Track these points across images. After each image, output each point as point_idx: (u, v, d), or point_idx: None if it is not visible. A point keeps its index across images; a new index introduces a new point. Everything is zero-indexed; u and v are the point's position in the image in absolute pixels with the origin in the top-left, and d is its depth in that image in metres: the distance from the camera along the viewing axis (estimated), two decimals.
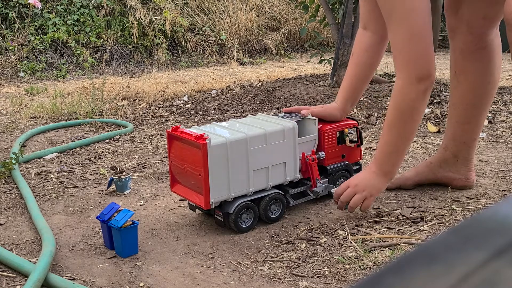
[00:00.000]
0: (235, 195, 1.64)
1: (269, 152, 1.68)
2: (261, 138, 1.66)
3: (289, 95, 3.43)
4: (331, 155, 1.86)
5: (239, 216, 1.65)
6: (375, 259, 1.43)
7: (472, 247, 0.28)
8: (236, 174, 1.62)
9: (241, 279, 1.38)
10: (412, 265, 0.28)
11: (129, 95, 4.22)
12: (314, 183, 1.79)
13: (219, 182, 1.59)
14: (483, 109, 1.84)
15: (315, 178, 1.80)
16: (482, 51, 1.76)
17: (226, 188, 1.61)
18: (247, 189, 1.66)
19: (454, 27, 1.79)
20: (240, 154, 1.62)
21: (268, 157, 1.68)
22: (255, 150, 1.65)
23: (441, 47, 7.23)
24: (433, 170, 1.93)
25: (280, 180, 1.74)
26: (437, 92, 3.40)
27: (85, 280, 1.41)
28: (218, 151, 1.57)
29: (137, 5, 6.80)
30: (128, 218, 1.53)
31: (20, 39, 6.25)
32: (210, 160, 1.55)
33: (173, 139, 1.69)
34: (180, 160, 1.67)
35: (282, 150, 1.71)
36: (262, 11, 7.63)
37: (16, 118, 3.64)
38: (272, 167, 1.70)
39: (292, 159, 1.74)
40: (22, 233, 1.74)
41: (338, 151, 1.88)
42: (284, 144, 1.71)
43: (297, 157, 1.75)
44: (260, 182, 1.69)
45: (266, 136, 1.67)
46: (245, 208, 1.66)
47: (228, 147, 1.59)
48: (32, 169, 2.41)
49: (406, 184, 1.94)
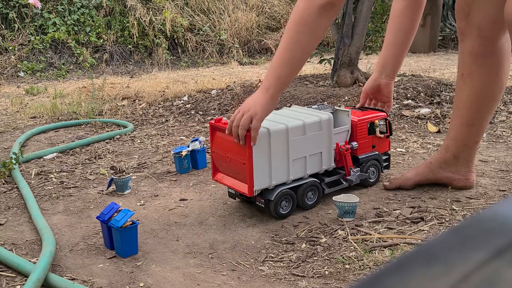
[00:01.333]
0: (276, 183, 1.73)
1: (307, 142, 1.78)
2: (300, 129, 1.75)
3: (289, 95, 3.43)
4: (362, 145, 1.95)
5: (279, 203, 1.73)
6: (375, 259, 1.43)
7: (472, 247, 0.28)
8: (277, 163, 1.71)
9: (241, 279, 1.38)
10: (412, 265, 0.28)
11: (129, 95, 4.22)
12: (348, 171, 1.89)
13: (262, 170, 1.68)
14: (488, 113, 1.84)
15: (348, 167, 1.89)
16: (491, 56, 1.75)
17: (268, 176, 1.70)
18: (287, 177, 1.75)
19: (464, 30, 1.77)
20: (281, 144, 1.71)
21: (306, 147, 1.77)
22: (295, 140, 1.74)
23: (441, 47, 7.23)
24: (433, 170, 1.93)
25: (317, 169, 1.83)
26: (437, 92, 3.40)
27: (85, 280, 1.41)
28: (261, 141, 1.65)
29: (137, 5, 6.79)
30: (128, 218, 1.53)
31: (20, 39, 6.25)
32: (254, 149, 1.64)
33: (216, 130, 1.78)
34: (224, 150, 1.75)
35: (319, 140, 1.81)
36: (262, 11, 7.63)
37: (16, 118, 3.64)
38: (310, 157, 1.79)
39: (327, 149, 1.84)
40: (22, 233, 1.74)
41: (369, 141, 1.98)
42: (320, 135, 1.81)
43: (332, 147, 1.85)
44: (299, 170, 1.78)
45: (305, 127, 1.76)
46: (285, 195, 1.74)
47: (270, 138, 1.68)
48: (32, 169, 2.41)
49: (406, 184, 1.94)
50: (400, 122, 2.95)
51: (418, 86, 3.48)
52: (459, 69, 1.84)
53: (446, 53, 6.86)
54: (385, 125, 2.01)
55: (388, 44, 1.91)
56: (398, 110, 3.10)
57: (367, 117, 1.95)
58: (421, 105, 3.20)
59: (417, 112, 3.06)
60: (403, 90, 3.41)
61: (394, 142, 2.60)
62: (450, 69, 5.20)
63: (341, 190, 1.89)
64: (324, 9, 1.59)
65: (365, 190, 1.97)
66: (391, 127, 2.03)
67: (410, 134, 2.73)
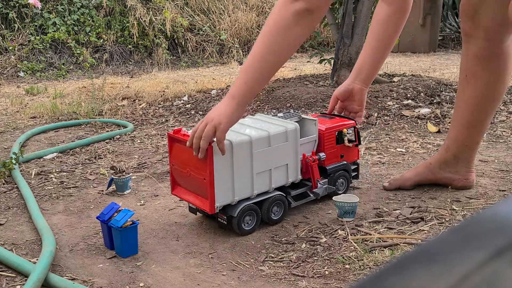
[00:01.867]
0: (239, 198, 1.62)
1: (272, 154, 1.67)
2: (265, 141, 1.64)
3: (289, 95, 3.43)
4: (330, 155, 1.86)
5: (242, 219, 1.63)
6: (375, 259, 1.43)
7: (472, 247, 0.28)
8: (240, 177, 1.60)
9: (241, 279, 1.38)
10: (412, 265, 0.28)
11: (129, 95, 4.22)
12: (315, 184, 1.80)
13: (224, 186, 1.57)
14: (490, 114, 1.83)
15: (315, 180, 1.79)
16: (496, 58, 1.74)
17: (230, 191, 1.59)
18: (251, 192, 1.65)
19: (469, 32, 1.76)
20: (244, 157, 1.60)
21: (271, 159, 1.67)
22: (259, 152, 1.63)
23: (441, 47, 7.22)
24: (433, 170, 1.93)
25: (282, 182, 1.73)
26: (437, 92, 3.40)
27: (85, 280, 1.41)
28: (228, 155, 1.55)
29: (137, 5, 6.80)
30: (128, 218, 1.53)
31: (20, 39, 6.25)
32: (215, 163, 1.53)
33: (174, 142, 1.65)
34: (183, 164, 1.63)
35: (285, 152, 1.70)
36: (262, 11, 7.63)
37: (16, 118, 3.64)
38: (275, 169, 1.69)
39: (294, 161, 1.73)
40: (22, 233, 1.74)
41: (337, 151, 1.88)
42: (286, 146, 1.70)
43: (299, 158, 1.75)
44: (263, 184, 1.68)
45: (270, 138, 1.65)
46: (248, 210, 1.64)
47: (233, 150, 1.56)
48: (32, 169, 2.41)
49: (406, 184, 1.94)
50: (400, 122, 2.95)
51: (418, 86, 3.48)
52: (463, 70, 1.82)
53: (446, 53, 6.86)
54: (353, 133, 1.93)
55: (367, 49, 1.84)
56: (398, 110, 3.10)
57: (335, 125, 1.86)
58: (421, 105, 3.20)
59: (417, 112, 3.06)
60: (403, 90, 3.41)
61: (394, 142, 2.60)
62: (450, 69, 5.21)
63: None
64: (300, 16, 1.49)
65: (365, 190, 1.97)
66: (359, 136, 1.96)
67: (410, 134, 2.73)
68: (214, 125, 1.47)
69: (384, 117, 3.01)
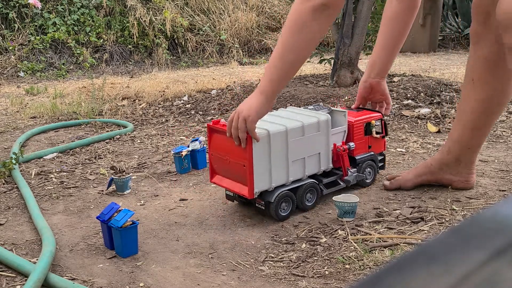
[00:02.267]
0: (276, 184, 1.72)
1: (306, 143, 1.78)
2: (299, 130, 1.75)
3: (289, 95, 3.43)
4: (359, 145, 1.96)
5: (279, 205, 1.73)
6: (375, 259, 1.43)
7: (472, 247, 0.28)
8: (277, 165, 1.71)
9: (241, 279, 1.38)
10: (412, 265, 0.28)
11: (129, 95, 4.22)
12: (346, 172, 1.90)
13: (262, 172, 1.68)
14: (495, 118, 1.82)
15: (346, 168, 1.90)
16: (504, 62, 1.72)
17: (268, 178, 1.70)
18: (286, 179, 1.75)
19: (480, 34, 1.73)
20: (280, 146, 1.71)
21: (305, 148, 1.78)
22: (294, 141, 1.74)
23: (441, 47, 7.22)
24: (433, 171, 1.92)
25: (315, 170, 1.83)
26: (437, 92, 3.40)
27: (85, 280, 1.41)
28: (261, 143, 1.65)
29: (137, 5, 6.80)
30: (128, 218, 1.53)
31: (20, 39, 6.25)
32: (254, 151, 1.63)
33: (214, 132, 1.77)
34: (222, 152, 1.74)
35: (317, 141, 1.81)
36: (262, 11, 7.63)
37: (16, 118, 3.64)
38: (308, 158, 1.80)
39: (325, 150, 1.84)
40: (22, 233, 1.74)
41: (365, 142, 1.99)
42: (319, 136, 1.81)
43: (330, 148, 1.85)
44: (298, 172, 1.78)
45: (304, 128, 1.76)
46: (285, 197, 1.74)
47: (270, 139, 1.68)
48: (32, 169, 2.41)
49: (406, 185, 1.94)
50: (400, 122, 2.95)
51: (418, 86, 3.48)
52: (469, 74, 1.80)
53: (446, 53, 6.86)
54: (380, 125, 2.02)
55: (378, 46, 1.90)
56: (398, 110, 3.10)
57: (364, 118, 1.96)
58: (421, 105, 3.20)
59: (417, 112, 3.06)
60: (403, 90, 3.41)
61: (394, 142, 2.60)
62: (450, 69, 5.21)
63: (339, 191, 1.89)
64: (318, 12, 1.55)
65: (365, 190, 1.97)
66: (386, 128, 2.04)
67: (410, 134, 2.73)
68: (244, 117, 1.58)
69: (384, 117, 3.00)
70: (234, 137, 1.62)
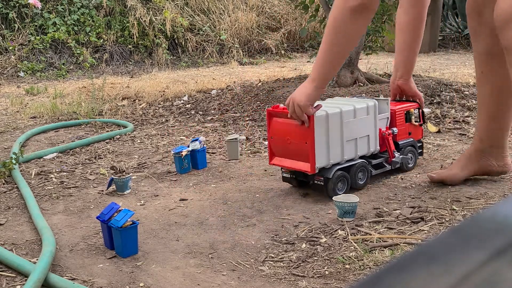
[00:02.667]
0: (333, 162, 1.89)
1: (357, 125, 1.95)
2: (351, 113, 1.93)
3: (289, 95, 3.42)
4: (401, 132, 2.14)
5: (336, 184, 1.89)
6: (375, 259, 1.43)
7: (472, 247, 0.28)
8: (334, 144, 1.88)
9: (241, 279, 1.38)
10: (412, 265, 0.28)
11: (129, 95, 4.23)
12: (392, 154, 2.06)
13: (322, 149, 1.85)
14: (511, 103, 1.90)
15: (392, 150, 2.05)
16: None
17: (326, 155, 1.87)
18: (341, 157, 1.92)
19: (477, 30, 1.82)
20: (336, 126, 1.89)
21: (357, 129, 1.95)
22: (348, 122, 1.92)
23: (441, 47, 7.22)
24: (474, 161, 1.97)
25: (365, 151, 2.00)
26: (437, 92, 3.40)
27: (85, 280, 1.41)
28: (321, 123, 1.83)
29: (137, 5, 6.80)
30: (128, 218, 1.53)
31: (20, 39, 6.25)
32: (316, 129, 1.81)
33: (273, 116, 1.94)
34: (283, 134, 1.90)
35: (367, 124, 1.99)
36: (262, 11, 7.63)
37: (16, 118, 3.64)
38: (359, 139, 1.97)
39: (374, 133, 2.02)
40: (22, 233, 1.74)
41: (406, 128, 2.17)
42: (368, 119, 1.99)
43: (377, 131, 2.02)
44: (351, 151, 1.95)
45: (355, 111, 1.94)
46: (341, 177, 1.91)
47: (328, 119, 1.85)
48: (32, 169, 2.41)
49: (454, 179, 1.96)
50: None
51: (418, 86, 3.47)
52: (477, 68, 1.90)
53: (446, 53, 6.86)
54: (418, 114, 2.19)
55: (397, 52, 2.09)
56: None
57: (404, 106, 2.15)
58: None
59: None
60: None
61: None
62: (450, 69, 5.21)
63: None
64: (357, 12, 1.69)
65: (365, 190, 1.97)
66: (424, 116, 2.23)
67: None
68: (297, 103, 1.78)
69: None
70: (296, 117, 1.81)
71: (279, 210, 1.83)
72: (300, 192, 1.97)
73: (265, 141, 2.72)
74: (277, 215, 1.79)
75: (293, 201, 1.90)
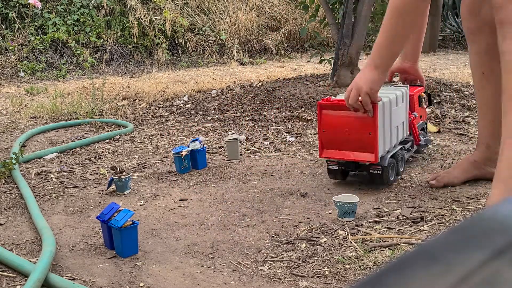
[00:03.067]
0: (387, 149, 1.94)
1: (399, 112, 2.02)
2: (395, 101, 1.98)
3: (289, 95, 3.43)
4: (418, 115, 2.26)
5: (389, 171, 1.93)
6: (375, 259, 1.43)
7: (472, 247, 0.28)
8: (387, 131, 1.92)
9: (241, 279, 1.38)
10: (412, 265, 0.28)
11: (129, 95, 4.22)
12: (418, 138, 2.18)
13: (381, 138, 1.88)
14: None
15: (418, 134, 2.17)
16: None
17: (383, 144, 1.90)
18: (391, 145, 1.97)
19: (475, 30, 1.80)
20: (388, 114, 1.92)
21: (398, 116, 2.01)
22: (395, 110, 1.97)
23: (441, 47, 7.22)
24: (479, 168, 1.96)
25: (401, 137, 2.08)
26: (437, 92, 3.40)
27: (85, 280, 1.41)
28: (382, 111, 1.86)
29: (137, 5, 6.80)
30: (128, 218, 1.53)
31: (20, 39, 6.25)
32: (379, 118, 1.83)
33: (326, 109, 1.91)
34: (338, 126, 1.89)
35: (402, 111, 2.07)
36: (262, 11, 7.63)
37: (16, 118, 3.64)
38: (400, 126, 2.04)
39: (406, 119, 2.11)
40: (22, 233, 1.74)
41: (419, 112, 2.28)
42: (403, 106, 2.07)
43: (407, 117, 2.12)
44: (395, 138, 2.01)
45: (397, 99, 2.00)
46: (391, 162, 1.94)
47: (385, 108, 1.89)
48: (32, 169, 2.41)
49: (454, 182, 1.95)
50: None
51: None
52: (478, 69, 1.86)
53: (446, 53, 6.86)
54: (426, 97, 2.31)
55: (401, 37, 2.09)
56: None
57: (416, 91, 2.23)
58: None
59: None
60: None
61: None
62: (450, 69, 5.20)
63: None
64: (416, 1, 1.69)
65: (365, 190, 1.97)
66: (430, 99, 2.35)
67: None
68: (365, 92, 1.77)
69: None
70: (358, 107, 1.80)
71: (279, 210, 1.83)
72: (300, 192, 1.97)
73: (265, 141, 2.72)
74: (277, 215, 1.79)
75: (293, 201, 1.90)
